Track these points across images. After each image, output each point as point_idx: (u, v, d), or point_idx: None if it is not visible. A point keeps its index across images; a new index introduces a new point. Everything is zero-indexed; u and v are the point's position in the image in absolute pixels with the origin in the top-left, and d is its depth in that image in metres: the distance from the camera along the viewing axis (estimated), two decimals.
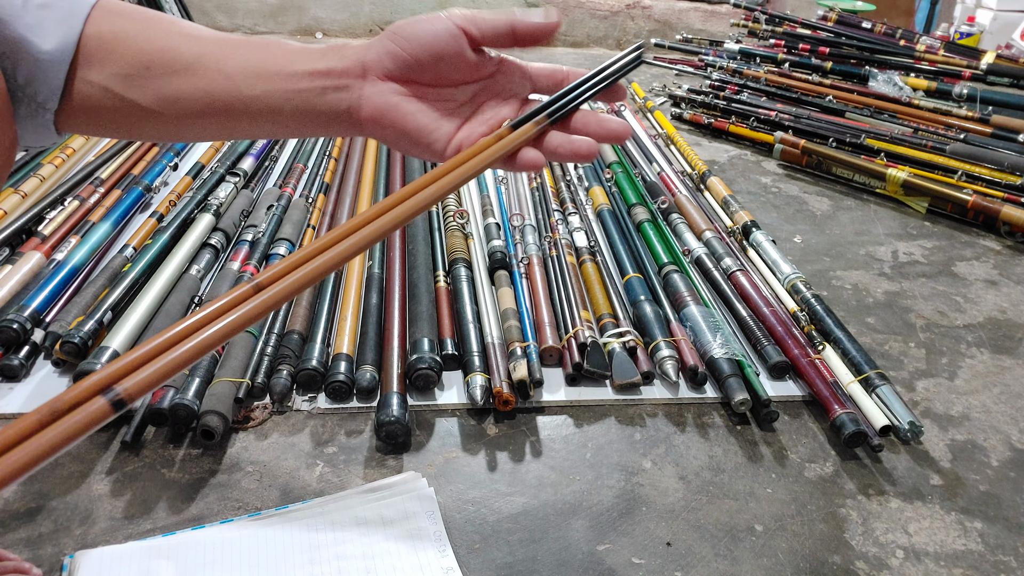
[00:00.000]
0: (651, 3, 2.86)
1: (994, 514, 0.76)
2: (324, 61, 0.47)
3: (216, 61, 0.47)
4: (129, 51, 0.46)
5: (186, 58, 0.47)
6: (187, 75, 0.47)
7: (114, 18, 0.46)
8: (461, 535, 0.69)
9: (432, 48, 0.47)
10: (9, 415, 0.80)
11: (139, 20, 0.47)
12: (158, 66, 0.46)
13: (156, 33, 0.47)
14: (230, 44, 0.48)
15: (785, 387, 0.92)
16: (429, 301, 0.97)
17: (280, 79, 0.47)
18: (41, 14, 0.43)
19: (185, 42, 0.47)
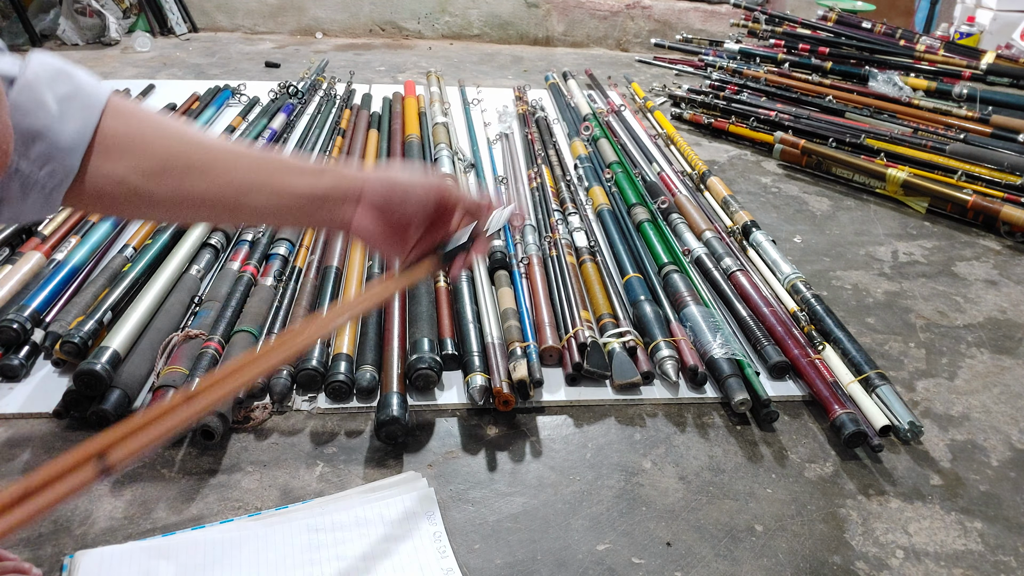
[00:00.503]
0: (651, 3, 2.86)
1: (994, 514, 0.76)
2: (323, 183, 0.56)
3: (226, 170, 0.54)
4: (148, 150, 0.52)
5: (200, 163, 0.53)
6: (201, 177, 0.53)
7: (128, 119, 0.51)
8: (461, 535, 0.69)
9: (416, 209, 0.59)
10: (9, 415, 0.80)
11: (153, 124, 0.53)
12: (173, 166, 0.52)
13: (171, 138, 0.53)
14: (238, 155, 0.55)
15: (785, 387, 0.92)
16: (429, 301, 0.97)
17: (282, 196, 0.55)
18: (63, 105, 0.48)
19: (198, 149, 0.53)
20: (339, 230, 0.59)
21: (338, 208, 0.57)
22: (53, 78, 0.48)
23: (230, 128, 1.61)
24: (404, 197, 0.58)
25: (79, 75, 0.50)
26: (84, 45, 2.40)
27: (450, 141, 1.55)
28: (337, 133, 1.60)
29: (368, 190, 0.57)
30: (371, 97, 1.93)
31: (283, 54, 2.48)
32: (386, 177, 0.58)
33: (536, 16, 2.86)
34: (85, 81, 0.50)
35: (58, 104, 0.48)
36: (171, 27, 2.63)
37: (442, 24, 2.87)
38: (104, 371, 0.78)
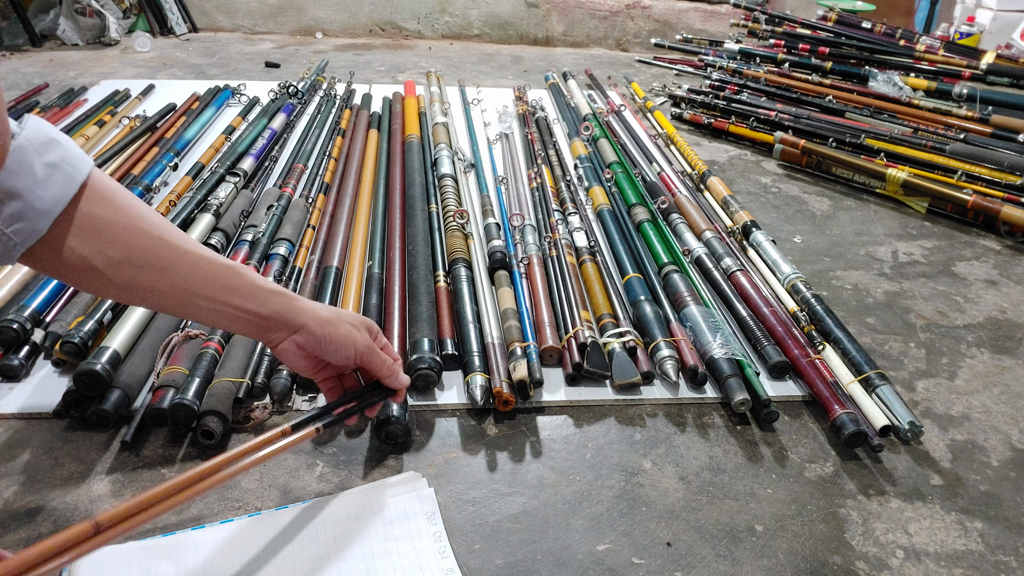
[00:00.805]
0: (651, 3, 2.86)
1: (994, 514, 0.76)
2: (267, 309, 0.61)
3: (185, 272, 0.57)
4: (117, 240, 0.55)
5: (161, 261, 0.57)
6: (158, 274, 0.57)
7: (106, 205, 0.54)
8: (461, 535, 0.69)
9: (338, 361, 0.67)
10: (9, 415, 0.80)
11: (127, 213, 0.56)
12: (136, 260, 0.56)
13: (140, 233, 0.56)
14: (196, 260, 0.58)
15: (785, 387, 0.92)
16: (429, 301, 0.97)
17: (230, 308, 0.60)
18: (47, 172, 0.51)
19: (162, 248, 0.57)
20: (265, 344, 0.66)
21: (274, 331, 0.63)
22: (44, 145, 0.51)
23: (230, 128, 1.61)
24: (334, 351, 0.65)
25: (68, 146, 0.53)
26: (84, 45, 2.40)
27: (450, 141, 1.55)
28: (337, 133, 1.60)
29: (307, 329, 0.63)
30: (371, 97, 1.93)
31: (283, 54, 2.48)
32: (327, 324, 0.64)
33: (536, 16, 2.86)
34: (71, 153, 0.53)
35: (43, 170, 0.51)
36: (171, 27, 2.63)
37: (442, 24, 2.87)
38: (104, 371, 0.78)
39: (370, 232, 1.19)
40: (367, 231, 1.19)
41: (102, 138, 1.58)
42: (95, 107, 1.73)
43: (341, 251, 1.12)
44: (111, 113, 1.69)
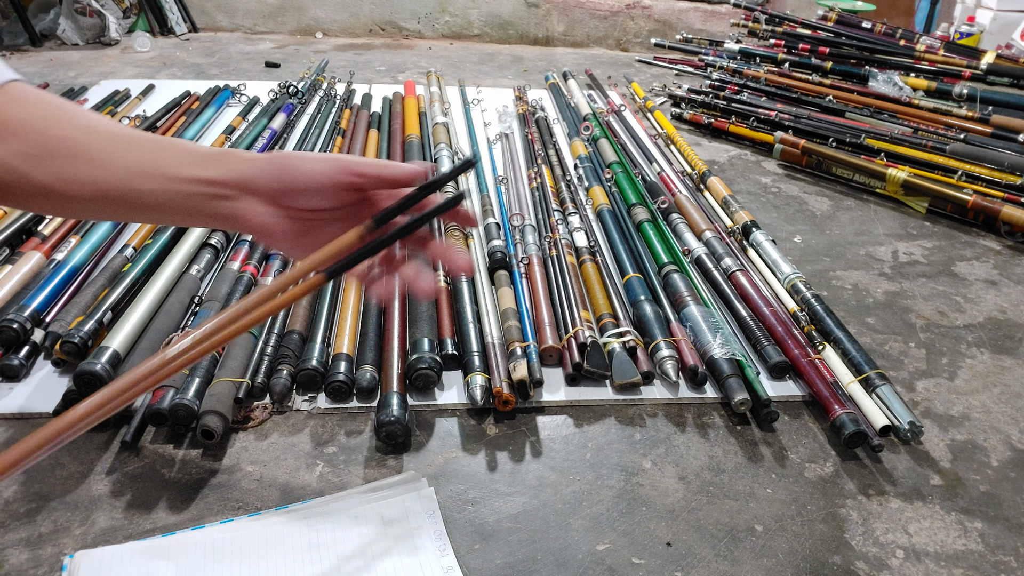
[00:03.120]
0: (651, 3, 2.86)
1: (994, 514, 0.76)
2: (207, 169, 0.52)
3: (113, 153, 0.51)
4: (32, 134, 0.50)
5: (87, 147, 0.51)
6: (85, 162, 0.51)
7: (19, 105, 0.51)
8: (461, 535, 0.69)
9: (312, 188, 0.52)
10: (9, 415, 0.80)
11: (43, 107, 0.51)
12: (58, 150, 0.50)
13: (58, 122, 0.51)
14: (127, 139, 0.52)
15: (785, 387, 0.92)
16: (429, 301, 0.97)
17: (170, 181, 0.52)
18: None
19: (84, 133, 0.51)
20: (236, 229, 0.55)
21: (228, 199, 0.52)
22: None
23: (230, 128, 1.61)
24: (297, 178, 0.52)
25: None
26: (84, 45, 2.40)
27: (450, 141, 1.55)
28: (337, 133, 1.60)
29: (253, 175, 0.52)
30: (371, 97, 1.93)
31: (283, 54, 2.48)
32: (274, 158, 0.53)
33: (536, 16, 2.86)
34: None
35: None
36: (171, 27, 2.63)
37: (442, 24, 2.87)
38: (104, 371, 0.78)
39: None
40: None
41: None
42: (95, 107, 1.73)
43: None
44: (111, 113, 1.69)
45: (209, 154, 0.53)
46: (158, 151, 0.53)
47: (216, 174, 0.52)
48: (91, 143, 0.51)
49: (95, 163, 0.51)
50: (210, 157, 0.53)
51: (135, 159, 0.52)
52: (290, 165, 0.52)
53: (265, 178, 0.52)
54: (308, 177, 0.52)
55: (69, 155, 0.51)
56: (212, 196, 0.52)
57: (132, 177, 0.51)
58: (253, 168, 0.52)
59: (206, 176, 0.52)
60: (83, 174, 0.51)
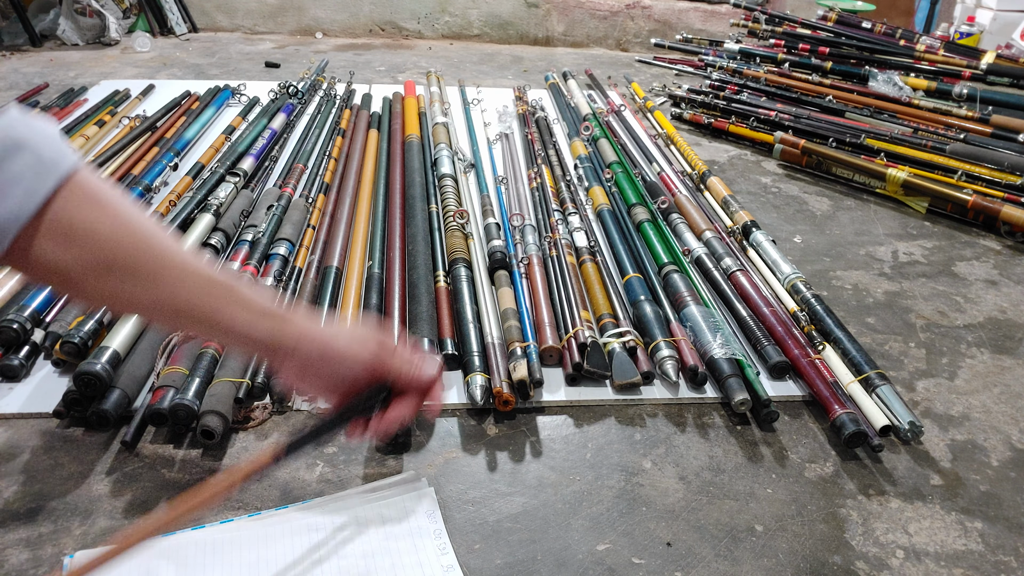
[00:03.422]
0: (651, 3, 2.86)
1: (994, 514, 0.75)
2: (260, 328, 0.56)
3: (171, 285, 0.52)
4: (96, 246, 0.50)
5: (145, 271, 0.52)
6: (141, 285, 0.52)
7: (85, 205, 0.50)
8: (461, 535, 0.69)
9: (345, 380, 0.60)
10: (9, 415, 0.80)
11: (110, 216, 0.51)
12: (119, 269, 0.51)
13: (123, 237, 0.51)
14: (185, 272, 0.53)
15: (785, 387, 0.92)
16: (429, 301, 0.97)
17: (218, 328, 0.55)
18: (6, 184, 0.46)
19: (147, 256, 0.52)
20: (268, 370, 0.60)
21: (269, 356, 0.58)
22: (7, 151, 0.47)
23: (230, 128, 1.61)
24: (334, 368, 0.59)
25: (41, 149, 0.48)
26: (84, 45, 2.40)
27: (450, 141, 1.55)
28: (337, 133, 1.60)
29: (301, 351, 0.57)
30: (371, 97, 1.93)
31: (283, 54, 2.48)
32: (322, 342, 0.58)
33: (536, 16, 2.86)
34: (43, 157, 0.48)
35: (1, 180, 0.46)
36: (171, 27, 2.63)
37: (442, 24, 2.87)
38: (104, 371, 0.78)
39: (370, 232, 1.19)
40: (367, 231, 1.19)
41: (102, 138, 1.58)
42: (95, 107, 1.73)
43: (341, 251, 1.12)
44: (111, 113, 1.69)
45: (260, 311, 0.56)
46: (215, 297, 0.54)
47: (265, 336, 0.56)
48: (151, 268, 0.52)
49: (148, 288, 0.52)
50: (259, 320, 0.56)
51: (190, 298, 0.53)
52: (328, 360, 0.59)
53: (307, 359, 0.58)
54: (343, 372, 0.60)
55: (128, 275, 0.51)
56: (256, 349, 0.58)
57: (182, 311, 0.53)
58: (299, 345, 0.57)
59: (251, 335, 0.56)
60: (136, 295, 0.52)
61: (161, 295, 0.53)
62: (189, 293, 0.53)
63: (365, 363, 0.60)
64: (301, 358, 0.58)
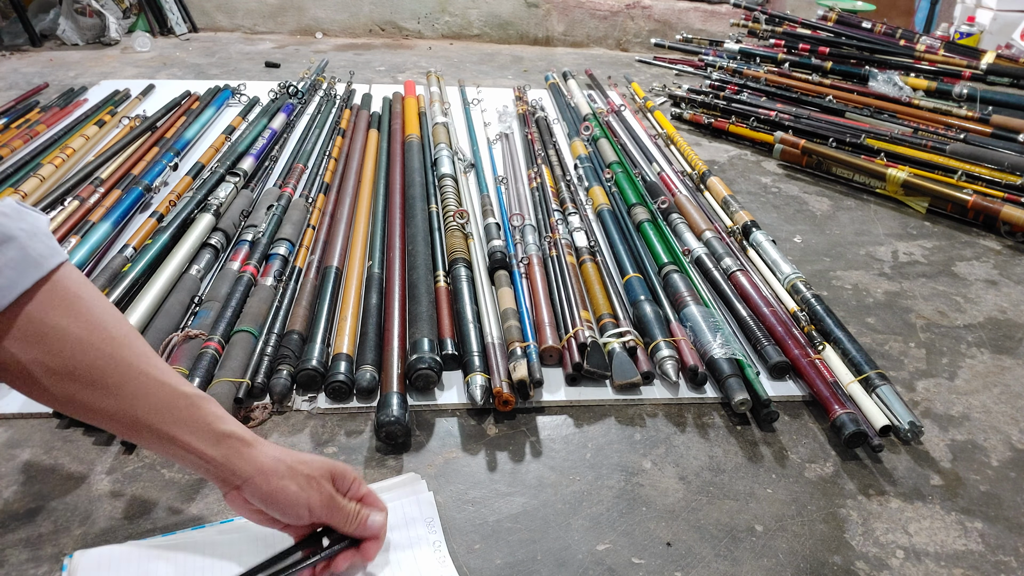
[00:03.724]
0: (651, 3, 2.86)
1: (994, 514, 0.75)
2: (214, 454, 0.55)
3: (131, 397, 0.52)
4: (62, 351, 0.49)
5: (107, 380, 0.51)
6: (102, 394, 0.51)
7: (62, 311, 0.49)
8: (461, 535, 0.69)
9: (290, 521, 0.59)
10: (9, 415, 0.80)
11: (84, 321, 0.50)
12: (81, 376, 0.50)
13: (91, 346, 0.50)
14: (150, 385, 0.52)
15: (785, 387, 0.92)
16: (429, 301, 0.97)
17: (175, 444, 0.53)
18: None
19: (112, 365, 0.51)
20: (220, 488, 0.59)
21: (220, 479, 0.56)
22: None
23: (230, 128, 1.61)
24: (283, 511, 0.57)
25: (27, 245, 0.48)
26: (84, 45, 2.40)
27: (450, 141, 1.55)
28: (337, 133, 1.60)
29: (251, 484, 0.56)
30: (371, 97, 1.93)
31: (283, 54, 2.48)
32: (276, 478, 0.57)
33: (536, 16, 2.86)
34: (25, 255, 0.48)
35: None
36: (171, 27, 2.63)
37: (442, 24, 2.87)
38: None
39: (370, 232, 1.19)
40: (367, 231, 1.19)
41: (102, 138, 1.58)
42: (95, 107, 1.73)
43: (341, 251, 1.12)
44: (111, 113, 1.69)
45: (216, 434, 0.55)
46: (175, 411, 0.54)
47: (218, 461, 0.55)
48: (113, 377, 0.51)
49: (109, 397, 0.51)
50: (219, 440, 0.55)
51: (150, 409, 0.53)
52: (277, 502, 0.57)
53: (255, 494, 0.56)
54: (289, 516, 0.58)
55: (89, 383, 0.51)
56: (205, 470, 0.56)
57: (140, 424, 0.53)
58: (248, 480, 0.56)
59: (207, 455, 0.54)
60: (95, 403, 0.51)
61: (120, 405, 0.52)
62: (149, 408, 0.53)
63: (314, 509, 0.58)
64: (253, 490, 0.56)
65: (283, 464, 0.57)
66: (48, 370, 0.49)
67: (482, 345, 0.90)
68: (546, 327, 0.94)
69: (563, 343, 0.93)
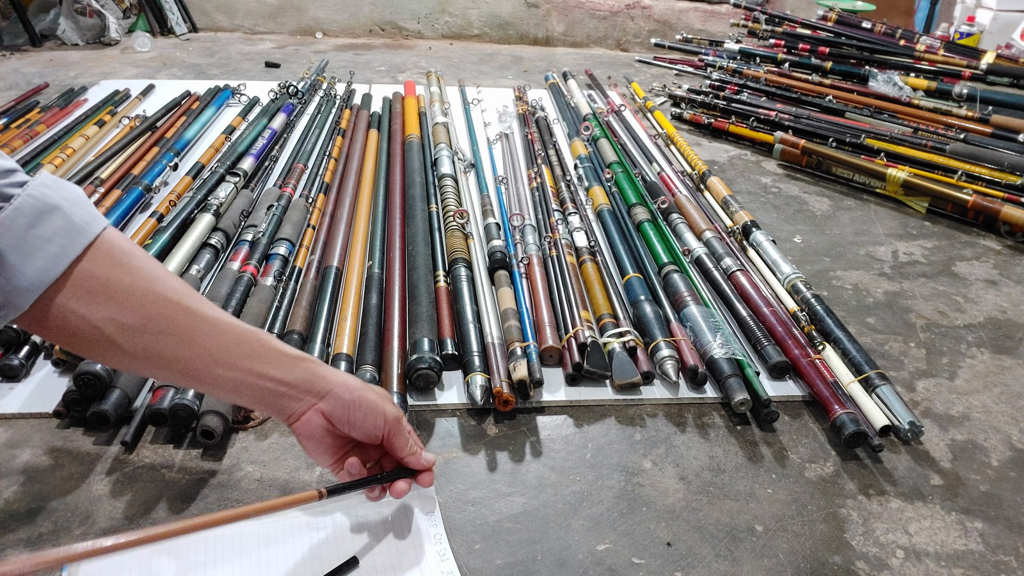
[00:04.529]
0: (651, 3, 2.85)
1: (994, 514, 0.75)
2: (294, 374, 0.57)
3: (205, 339, 0.54)
4: (131, 305, 0.51)
5: (180, 328, 0.53)
6: (177, 341, 0.53)
7: (116, 266, 0.51)
8: (461, 535, 0.69)
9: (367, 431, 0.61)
10: (9, 415, 0.80)
11: (143, 277, 0.53)
12: (153, 327, 0.52)
13: (157, 297, 0.52)
14: (219, 326, 0.55)
15: (785, 387, 0.92)
16: (429, 301, 0.97)
17: (253, 375, 0.56)
18: (36, 245, 0.48)
19: (181, 313, 0.53)
20: (284, 421, 0.60)
21: (298, 400, 0.58)
22: (39, 215, 0.48)
23: (230, 128, 1.61)
24: (363, 417, 0.60)
25: (71, 212, 0.50)
26: (84, 45, 2.40)
27: (450, 141, 1.55)
28: (337, 133, 1.60)
29: (333, 395, 0.59)
30: (371, 97, 1.93)
31: (283, 54, 2.48)
32: (356, 390, 0.60)
33: (536, 16, 2.86)
34: (73, 221, 0.50)
35: (32, 243, 0.48)
36: (171, 27, 2.63)
37: (442, 24, 2.87)
38: (104, 371, 0.78)
39: (370, 232, 1.19)
40: (367, 231, 1.19)
41: (102, 138, 1.58)
42: (95, 107, 1.73)
43: (341, 251, 1.12)
44: (111, 113, 1.69)
45: (292, 357, 0.58)
46: (248, 347, 0.56)
47: (297, 382, 0.58)
48: (184, 324, 0.53)
49: (184, 343, 0.53)
50: (294, 362, 0.58)
51: (224, 347, 0.55)
52: (364, 407, 0.59)
53: (337, 405, 0.59)
54: (367, 424, 0.60)
55: (162, 332, 0.53)
56: (286, 396, 0.58)
57: (216, 363, 0.55)
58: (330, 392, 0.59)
59: (286, 379, 0.57)
60: (170, 351, 0.53)
61: (195, 349, 0.54)
62: (223, 347, 0.55)
63: (388, 420, 0.61)
64: (335, 401, 0.59)
65: (357, 380, 0.61)
66: (121, 326, 0.51)
67: (482, 345, 0.90)
68: (546, 327, 0.94)
69: (563, 343, 0.93)
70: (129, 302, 0.51)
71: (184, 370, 0.55)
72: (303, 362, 0.58)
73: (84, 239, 0.50)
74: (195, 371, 0.55)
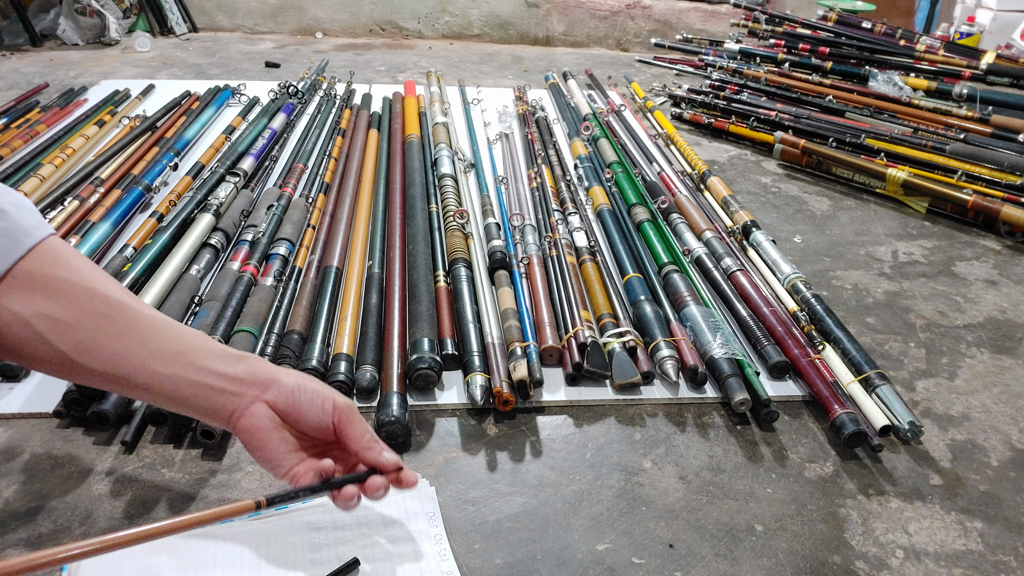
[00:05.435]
0: (651, 3, 2.85)
1: (994, 514, 0.76)
2: (237, 368, 0.56)
3: (144, 335, 0.53)
4: (66, 300, 0.51)
5: (117, 324, 0.52)
6: (114, 336, 0.52)
7: (59, 267, 0.51)
8: (461, 535, 0.69)
9: (315, 419, 0.58)
10: (9, 415, 0.80)
11: (81, 275, 0.52)
12: (89, 323, 0.51)
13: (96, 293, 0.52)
14: (159, 324, 0.55)
15: (785, 387, 0.92)
16: (429, 301, 0.97)
17: (193, 368, 0.54)
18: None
19: (120, 309, 0.53)
20: (226, 424, 0.57)
21: (240, 396, 0.55)
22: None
23: (230, 128, 1.61)
24: (308, 402, 0.57)
25: (18, 217, 0.50)
26: (84, 45, 2.40)
27: (450, 141, 1.55)
28: (337, 133, 1.60)
29: (278, 383, 0.57)
30: (371, 97, 1.93)
31: (283, 54, 2.48)
32: (300, 377, 0.58)
33: (536, 16, 2.86)
34: (20, 225, 0.50)
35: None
36: (171, 27, 2.63)
37: (442, 24, 2.87)
38: None
39: (370, 232, 1.19)
40: (367, 231, 1.19)
41: (102, 138, 1.58)
42: (95, 107, 1.73)
43: (341, 251, 1.12)
44: (111, 113, 1.69)
45: (234, 354, 0.57)
46: (187, 341, 0.55)
47: (240, 376, 0.56)
48: (125, 319, 0.53)
49: (122, 338, 0.52)
50: (237, 358, 0.57)
51: (163, 342, 0.54)
52: (306, 392, 0.57)
53: (282, 393, 0.57)
54: (315, 409, 0.57)
55: (98, 328, 0.52)
56: (222, 391, 0.55)
57: (154, 358, 0.53)
58: (275, 380, 0.57)
59: (228, 372, 0.55)
60: (105, 346, 0.52)
61: (134, 347, 0.53)
62: (164, 340, 0.54)
63: (339, 406, 0.58)
64: (279, 388, 0.57)
65: (301, 373, 0.59)
66: (53, 322, 0.50)
67: (482, 345, 0.90)
68: (546, 327, 0.94)
69: (563, 343, 0.93)
70: (66, 298, 0.51)
71: (118, 369, 0.53)
72: (246, 358, 0.57)
73: (29, 240, 0.51)
74: (131, 369, 0.53)
